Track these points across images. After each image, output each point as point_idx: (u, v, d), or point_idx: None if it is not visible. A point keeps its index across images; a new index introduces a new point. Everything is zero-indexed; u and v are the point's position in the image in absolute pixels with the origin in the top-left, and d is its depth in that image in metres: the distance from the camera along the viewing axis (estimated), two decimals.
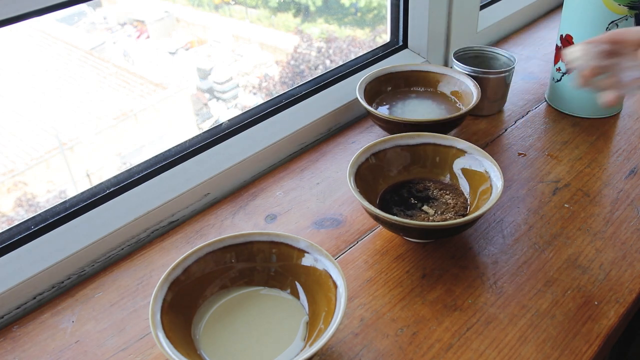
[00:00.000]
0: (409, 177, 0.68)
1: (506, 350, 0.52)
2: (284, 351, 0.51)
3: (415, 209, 0.64)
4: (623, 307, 0.55)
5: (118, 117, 2.08)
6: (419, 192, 0.66)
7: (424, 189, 0.66)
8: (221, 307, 0.55)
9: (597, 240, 0.62)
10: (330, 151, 0.79)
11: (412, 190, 0.67)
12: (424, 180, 0.68)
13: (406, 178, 0.68)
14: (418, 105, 0.82)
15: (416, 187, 0.67)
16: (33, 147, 1.91)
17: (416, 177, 0.68)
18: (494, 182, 0.61)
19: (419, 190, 0.66)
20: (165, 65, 2.33)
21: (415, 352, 0.52)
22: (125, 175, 0.69)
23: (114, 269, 0.63)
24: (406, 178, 0.68)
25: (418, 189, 0.67)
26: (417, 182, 0.67)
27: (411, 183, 0.67)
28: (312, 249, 0.55)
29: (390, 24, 0.94)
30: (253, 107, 0.81)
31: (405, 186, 0.67)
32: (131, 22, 2.27)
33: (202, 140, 0.75)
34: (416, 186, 0.67)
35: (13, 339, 0.56)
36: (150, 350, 0.54)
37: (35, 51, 2.09)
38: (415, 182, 0.67)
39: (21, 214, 1.77)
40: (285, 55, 2.33)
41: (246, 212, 0.69)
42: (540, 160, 0.74)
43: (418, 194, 0.66)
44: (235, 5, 2.46)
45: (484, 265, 0.60)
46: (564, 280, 0.58)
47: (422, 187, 0.67)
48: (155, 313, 0.49)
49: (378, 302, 0.57)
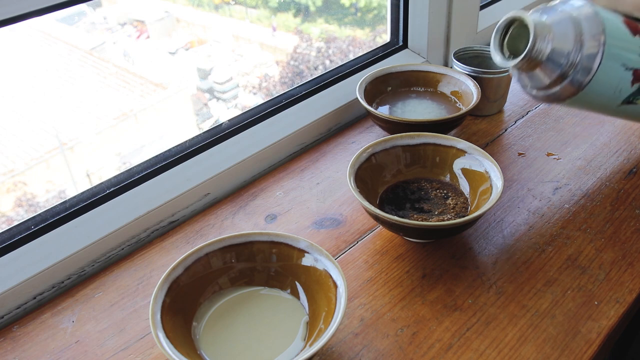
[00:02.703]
0: (408, 177, 0.68)
1: (506, 350, 0.52)
2: (284, 351, 0.51)
3: (415, 209, 0.64)
4: (623, 307, 0.55)
5: (118, 117, 2.08)
6: (419, 192, 0.66)
7: (424, 189, 0.66)
8: (221, 307, 0.55)
9: (597, 240, 0.62)
10: (330, 151, 0.79)
11: (412, 190, 0.67)
12: (424, 180, 0.68)
13: (406, 178, 0.68)
14: (418, 105, 0.82)
15: (416, 187, 0.67)
16: (33, 147, 1.91)
17: (416, 177, 0.68)
18: (494, 182, 0.61)
19: (419, 190, 0.66)
20: (165, 65, 2.33)
21: (415, 352, 0.52)
22: (125, 175, 0.69)
23: (114, 269, 0.63)
24: (406, 178, 0.68)
25: (418, 189, 0.67)
26: (417, 182, 0.67)
27: (411, 183, 0.67)
28: (312, 249, 0.55)
29: (390, 24, 0.94)
30: (253, 107, 0.81)
31: (405, 186, 0.67)
32: (131, 22, 2.27)
33: (202, 140, 0.75)
34: (416, 186, 0.67)
35: (13, 339, 0.56)
36: (150, 350, 0.54)
37: (35, 51, 2.09)
38: (415, 182, 0.67)
39: (21, 214, 1.77)
40: (285, 55, 2.33)
41: (246, 212, 0.70)
42: (540, 160, 0.74)
43: (418, 193, 0.66)
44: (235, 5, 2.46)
45: (484, 265, 0.60)
46: (564, 280, 0.58)
47: (422, 187, 0.67)
48: (155, 313, 0.49)
49: (378, 302, 0.57)
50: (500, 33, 0.57)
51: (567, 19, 0.55)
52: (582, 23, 0.54)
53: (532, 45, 0.54)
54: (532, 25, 0.53)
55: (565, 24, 0.54)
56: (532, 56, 0.54)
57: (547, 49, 0.54)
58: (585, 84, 0.55)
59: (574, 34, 0.54)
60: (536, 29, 0.53)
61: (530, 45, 0.54)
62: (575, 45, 0.54)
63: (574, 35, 0.54)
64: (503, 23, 0.57)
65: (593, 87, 0.56)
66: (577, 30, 0.54)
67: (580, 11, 0.55)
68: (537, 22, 0.54)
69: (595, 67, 0.54)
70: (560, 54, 0.54)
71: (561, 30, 0.54)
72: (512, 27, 0.57)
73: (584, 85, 0.55)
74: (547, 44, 0.54)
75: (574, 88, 0.56)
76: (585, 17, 0.54)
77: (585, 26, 0.54)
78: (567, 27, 0.54)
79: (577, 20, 0.54)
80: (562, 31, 0.54)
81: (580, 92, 0.56)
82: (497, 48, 0.57)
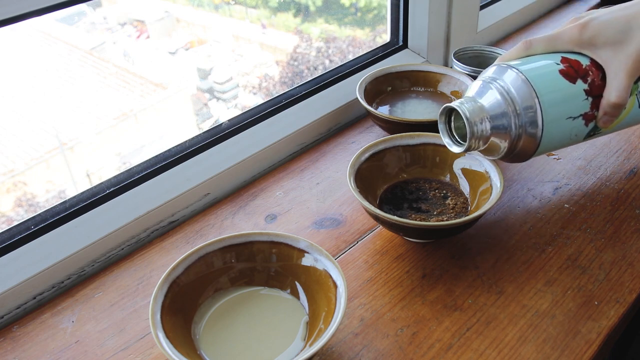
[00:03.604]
0: (408, 177, 0.68)
1: (506, 350, 0.52)
2: (284, 351, 0.51)
3: (416, 208, 0.64)
4: (623, 307, 0.55)
5: (118, 117, 2.08)
6: (419, 192, 0.66)
7: (424, 189, 0.66)
8: (221, 307, 0.55)
9: (597, 240, 0.62)
10: (330, 151, 0.79)
11: (412, 190, 0.67)
12: (423, 180, 0.68)
13: (406, 178, 0.68)
14: (418, 105, 0.82)
15: (416, 187, 0.67)
16: (33, 147, 1.91)
17: (416, 177, 0.68)
18: (494, 182, 0.61)
19: (419, 190, 0.66)
20: (165, 65, 2.33)
21: (415, 352, 0.52)
22: (125, 175, 0.69)
23: (114, 269, 0.63)
24: (406, 178, 0.68)
25: (418, 189, 0.67)
26: (417, 181, 0.67)
27: (411, 183, 0.67)
28: (312, 249, 0.55)
29: (390, 24, 0.94)
30: (253, 107, 0.81)
31: (405, 186, 0.67)
32: (131, 22, 2.27)
33: (202, 140, 0.75)
34: (416, 186, 0.67)
35: (13, 339, 0.56)
36: (150, 350, 0.54)
37: (35, 51, 2.09)
38: (415, 182, 0.67)
39: (21, 214, 1.77)
40: (285, 55, 2.33)
41: (246, 212, 0.70)
42: (540, 160, 0.74)
43: (418, 193, 0.66)
44: (235, 5, 2.46)
45: (484, 265, 0.60)
46: (564, 280, 0.58)
47: (422, 187, 0.67)
48: (155, 313, 0.49)
49: (378, 302, 0.57)
50: (444, 121, 0.60)
51: (497, 94, 0.57)
52: (512, 94, 0.56)
53: (471, 132, 0.56)
54: (464, 115, 0.56)
55: (496, 101, 0.57)
56: (477, 138, 0.56)
57: (487, 128, 0.56)
58: (537, 144, 0.57)
59: (507, 107, 0.56)
60: (470, 117, 0.56)
61: (469, 132, 0.56)
62: (513, 118, 0.56)
63: (508, 108, 0.56)
64: (442, 114, 0.59)
65: (546, 141, 0.57)
66: (509, 103, 0.56)
67: (508, 81, 0.56)
68: (470, 109, 0.56)
69: (540, 128, 0.56)
70: (501, 128, 0.57)
71: (495, 108, 0.56)
72: (452, 114, 0.59)
73: (537, 145, 0.57)
74: (485, 125, 0.56)
75: (529, 148, 0.58)
76: (515, 87, 0.56)
77: (517, 96, 0.56)
78: (500, 103, 0.56)
79: (507, 92, 0.56)
80: (496, 108, 0.56)
81: (538, 149, 0.58)
82: (446, 134, 0.60)
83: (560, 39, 0.59)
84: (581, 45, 0.58)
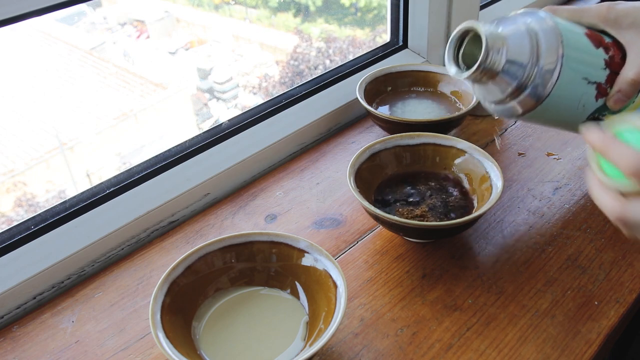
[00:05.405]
0: (408, 177, 0.68)
1: (506, 350, 0.52)
2: (284, 351, 0.51)
3: (415, 208, 0.64)
4: (623, 307, 0.55)
5: (118, 117, 2.08)
6: (419, 191, 0.66)
7: (424, 189, 0.66)
8: (221, 307, 0.55)
9: (597, 240, 0.62)
10: (330, 151, 0.79)
11: (412, 190, 0.66)
12: (424, 180, 0.68)
13: (406, 178, 0.68)
14: (418, 105, 0.82)
15: (416, 187, 0.67)
16: (33, 147, 1.91)
17: (416, 177, 0.68)
18: (494, 182, 0.61)
19: (419, 190, 0.66)
20: (165, 65, 2.33)
21: (415, 352, 0.52)
22: (125, 175, 0.69)
23: (114, 269, 0.63)
24: (406, 178, 0.68)
25: (418, 189, 0.66)
26: (416, 181, 0.67)
27: (411, 183, 0.67)
28: (312, 249, 0.55)
29: (390, 24, 0.94)
30: (253, 107, 0.81)
31: (405, 186, 0.67)
32: (131, 22, 2.27)
33: (202, 140, 0.75)
34: (416, 186, 0.67)
35: (13, 339, 0.56)
36: (150, 350, 0.54)
37: (35, 51, 2.09)
38: (415, 182, 0.67)
39: (21, 214, 1.77)
40: (285, 55, 2.34)
41: (246, 212, 0.70)
42: (540, 160, 0.74)
43: (418, 193, 0.66)
44: (235, 5, 2.46)
45: (484, 265, 0.60)
46: (564, 280, 0.58)
47: (422, 187, 0.67)
48: (155, 313, 0.49)
49: (378, 302, 0.57)
50: (455, 44, 0.55)
51: (523, 30, 0.53)
52: (539, 35, 0.52)
53: (485, 56, 0.51)
54: (484, 35, 0.51)
55: (520, 35, 0.52)
56: (486, 67, 0.52)
57: (502, 60, 0.52)
58: (544, 97, 0.53)
59: (530, 46, 0.52)
60: (489, 39, 0.51)
61: (483, 56, 0.51)
62: (531, 58, 0.52)
63: (530, 47, 0.52)
64: (457, 34, 0.55)
65: (553, 100, 0.53)
66: (533, 43, 0.52)
67: (538, 23, 0.53)
68: (490, 33, 0.52)
69: (554, 79, 0.52)
70: (515, 67, 0.52)
71: (516, 42, 0.52)
72: (467, 37, 0.55)
73: (542, 99, 0.53)
74: (501, 55, 0.52)
75: (532, 101, 0.53)
76: (543, 29, 0.52)
77: (542, 38, 0.52)
78: (523, 39, 0.52)
79: (534, 32, 0.52)
80: (517, 43, 0.52)
81: (539, 106, 0.53)
82: (452, 59, 0.55)
83: (586, 12, 0.57)
84: (606, 22, 0.56)
